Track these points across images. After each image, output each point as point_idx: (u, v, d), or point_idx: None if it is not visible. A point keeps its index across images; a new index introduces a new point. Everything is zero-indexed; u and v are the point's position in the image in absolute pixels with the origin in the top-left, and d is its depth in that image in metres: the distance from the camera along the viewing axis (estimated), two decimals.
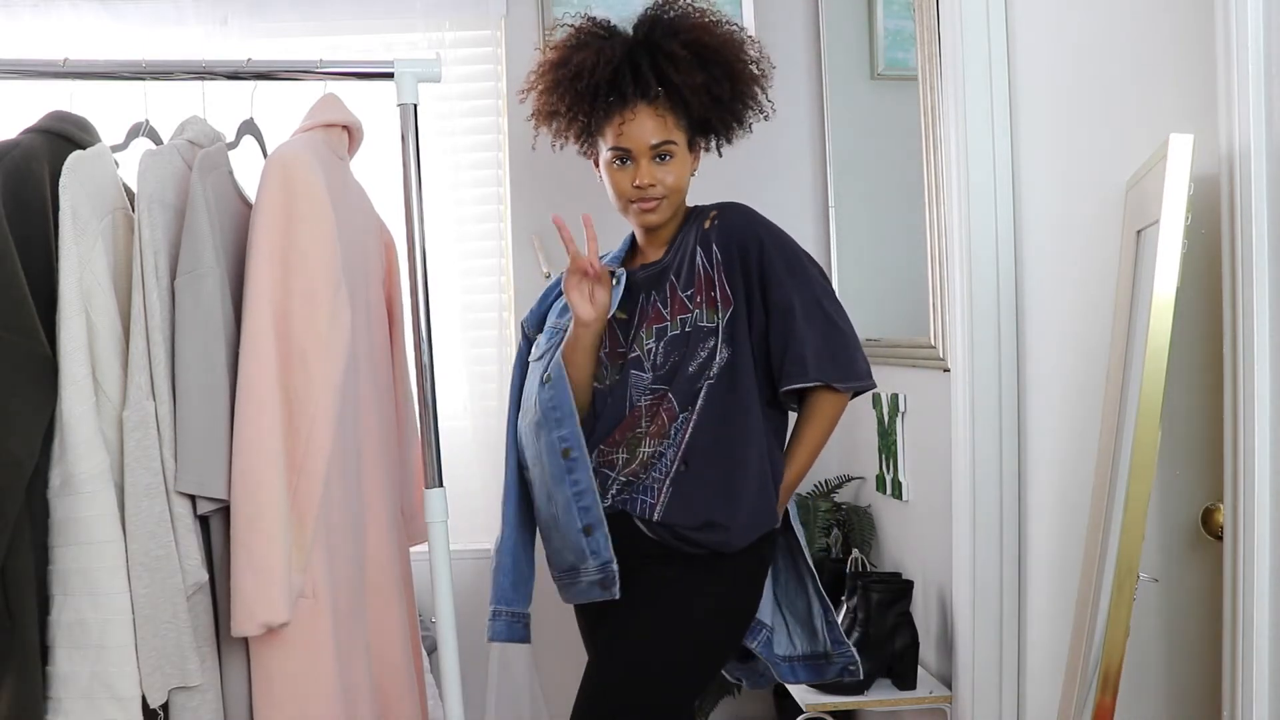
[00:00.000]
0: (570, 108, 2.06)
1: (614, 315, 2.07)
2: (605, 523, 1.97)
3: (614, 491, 2.00)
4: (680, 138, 2.03)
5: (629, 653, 1.99)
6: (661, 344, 2.00)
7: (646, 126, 2.00)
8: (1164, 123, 1.67)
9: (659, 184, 2.01)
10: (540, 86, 2.11)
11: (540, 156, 3.31)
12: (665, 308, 2.03)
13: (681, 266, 2.05)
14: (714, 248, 2.02)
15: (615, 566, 1.97)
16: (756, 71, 2.09)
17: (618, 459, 2.00)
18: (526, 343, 2.22)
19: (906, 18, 2.73)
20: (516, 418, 2.14)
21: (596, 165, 2.11)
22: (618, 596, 1.98)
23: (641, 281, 2.09)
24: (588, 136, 2.10)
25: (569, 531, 2.00)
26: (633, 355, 2.01)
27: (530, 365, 2.14)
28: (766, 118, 2.15)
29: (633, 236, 2.17)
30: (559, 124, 2.12)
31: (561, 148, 2.18)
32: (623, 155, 2.02)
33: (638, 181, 2.01)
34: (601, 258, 2.11)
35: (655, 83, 1.99)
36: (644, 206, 2.03)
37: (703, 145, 2.14)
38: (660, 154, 2.01)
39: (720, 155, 2.21)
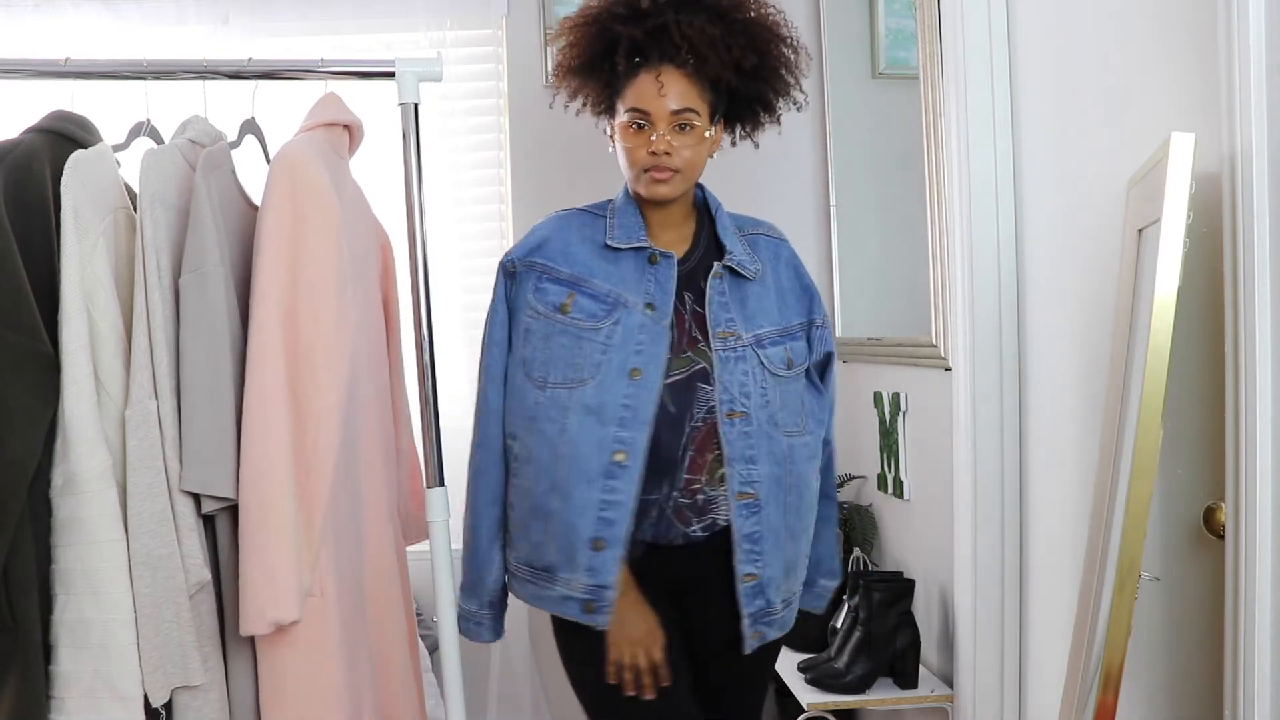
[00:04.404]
0: (594, 64, 1.95)
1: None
2: (621, 544, 1.85)
3: None
4: (703, 110, 1.90)
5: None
6: None
7: (670, 90, 1.87)
8: (1165, 121, 1.67)
9: (675, 154, 1.88)
10: (568, 38, 1.97)
11: (542, 156, 3.33)
12: None
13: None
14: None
15: (612, 594, 1.86)
16: (789, 54, 2.00)
17: None
18: (509, 280, 2.00)
19: (908, 17, 2.73)
20: (502, 374, 1.98)
21: (610, 132, 1.98)
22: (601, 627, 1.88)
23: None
24: (607, 99, 1.97)
25: (568, 534, 1.86)
26: None
27: (553, 318, 1.93)
28: (799, 108, 2.04)
29: (635, 210, 1.98)
30: (579, 81, 1.98)
31: (578, 112, 2.04)
32: (641, 119, 1.88)
33: (654, 149, 1.88)
34: (599, 214, 2.00)
35: (684, 44, 1.87)
36: (657, 176, 1.89)
37: (725, 130, 2.03)
38: (681, 123, 1.88)
39: (756, 146, 2.10)
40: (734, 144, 2.06)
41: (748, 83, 1.96)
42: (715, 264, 1.95)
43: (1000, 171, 2.25)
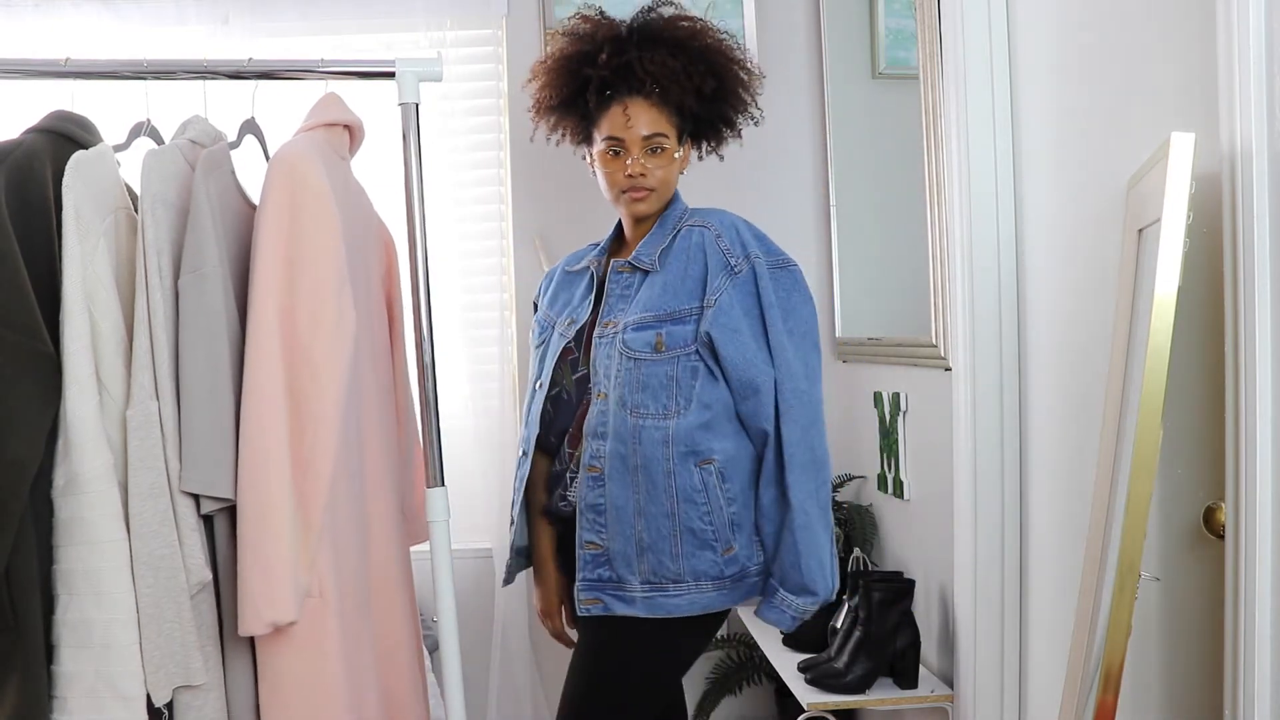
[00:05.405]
0: (569, 101, 2.18)
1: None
2: (518, 522, 2.23)
3: None
4: (671, 133, 2.13)
5: None
6: None
7: (640, 119, 2.10)
8: (1165, 121, 1.67)
9: (650, 175, 2.11)
10: (542, 80, 2.21)
11: (542, 156, 3.32)
12: None
13: None
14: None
15: (511, 559, 2.27)
16: (744, 75, 2.21)
17: None
18: (534, 313, 2.38)
19: (908, 16, 2.73)
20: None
21: (589, 159, 2.21)
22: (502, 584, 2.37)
23: None
24: (584, 130, 2.20)
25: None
26: None
27: (531, 344, 2.31)
28: (756, 123, 2.27)
29: (619, 229, 2.27)
30: (557, 117, 2.22)
31: (558, 143, 2.29)
32: (616, 146, 2.11)
33: (629, 171, 2.10)
34: (596, 244, 2.31)
35: (648, 78, 2.09)
36: (635, 196, 2.12)
37: (693, 147, 2.25)
38: (652, 146, 2.11)
39: (721, 158, 2.31)
40: (700, 158, 2.29)
41: (709, 105, 2.18)
42: (614, 261, 2.18)
43: (1000, 171, 2.25)
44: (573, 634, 2.30)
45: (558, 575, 2.25)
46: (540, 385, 2.19)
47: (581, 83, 2.14)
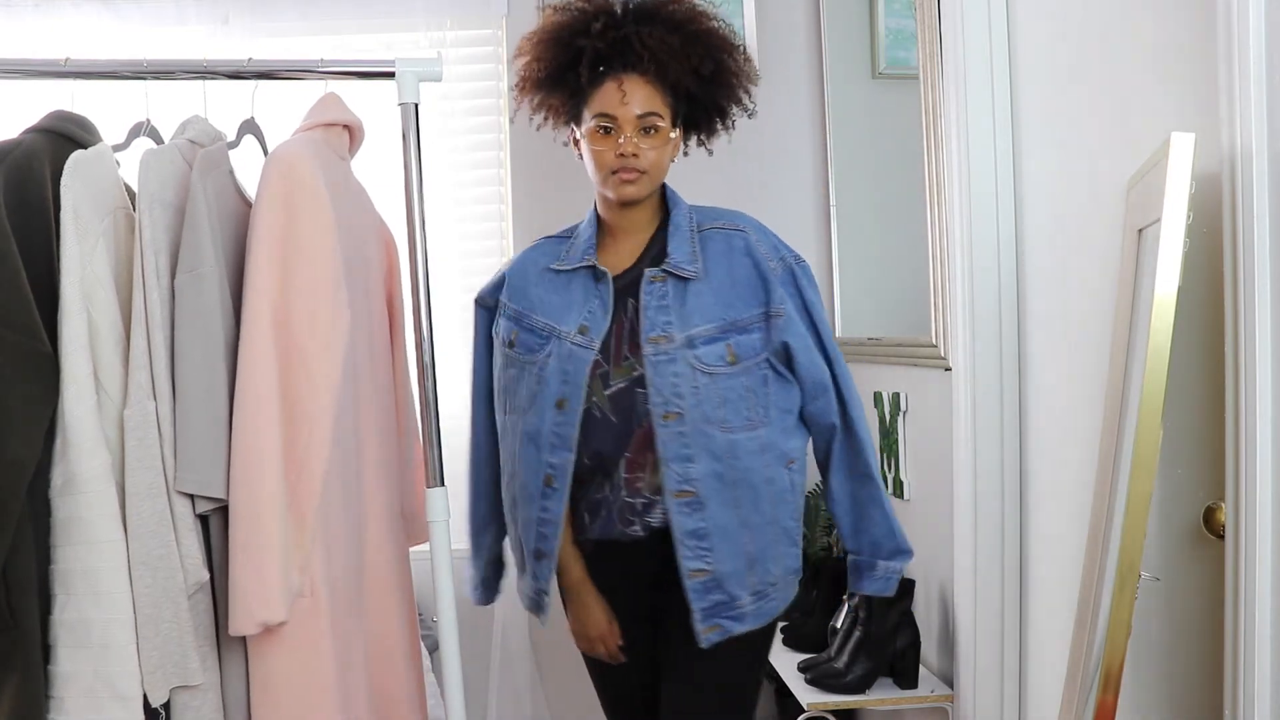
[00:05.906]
0: (557, 76, 2.04)
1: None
2: (555, 555, 2.05)
3: None
4: (666, 113, 2.00)
5: None
6: None
7: (635, 96, 1.97)
8: (1165, 121, 1.67)
9: (642, 155, 1.97)
10: (530, 54, 2.07)
11: (542, 156, 3.32)
12: None
13: None
14: None
15: (548, 598, 2.09)
16: (741, 63, 2.09)
17: None
18: (486, 314, 2.16)
19: (908, 16, 2.73)
20: (485, 395, 2.18)
21: (574, 143, 2.07)
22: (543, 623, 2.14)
23: None
24: (572, 108, 2.05)
25: (520, 544, 2.11)
26: None
27: (505, 351, 2.09)
28: (750, 115, 2.14)
29: (597, 221, 2.10)
30: (543, 93, 2.07)
31: (539, 127, 2.14)
32: (608, 123, 1.97)
33: (621, 150, 1.96)
34: (566, 237, 2.13)
35: (645, 53, 1.97)
36: (625, 177, 1.97)
37: (684, 138, 2.11)
38: (646, 126, 1.98)
39: (710, 153, 2.18)
40: (686, 153, 2.15)
41: (705, 88, 2.05)
42: (648, 270, 2.01)
43: (1000, 170, 2.25)
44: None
45: (598, 595, 2.11)
46: (564, 404, 1.99)
47: (573, 55, 2.00)
